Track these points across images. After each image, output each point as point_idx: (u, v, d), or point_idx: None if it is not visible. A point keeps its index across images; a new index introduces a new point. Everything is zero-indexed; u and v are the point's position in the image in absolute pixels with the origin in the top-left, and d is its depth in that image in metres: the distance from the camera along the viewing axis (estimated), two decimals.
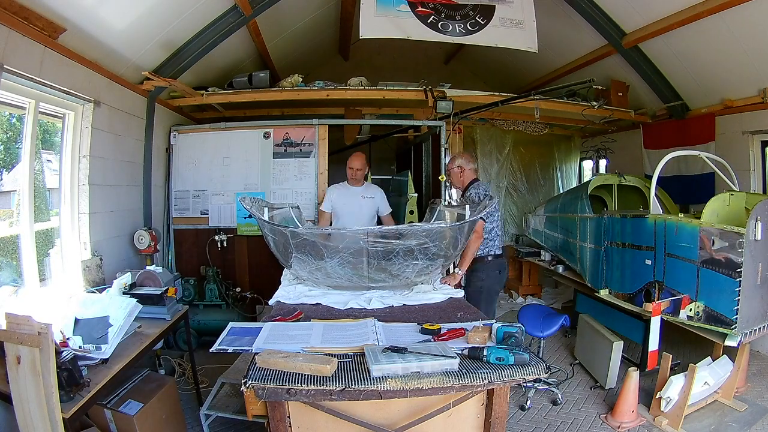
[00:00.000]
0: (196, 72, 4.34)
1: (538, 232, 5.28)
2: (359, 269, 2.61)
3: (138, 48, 3.54)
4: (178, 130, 4.61)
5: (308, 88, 4.61)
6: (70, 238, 3.21)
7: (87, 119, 3.26)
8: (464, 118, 5.28)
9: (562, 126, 6.45)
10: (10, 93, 2.62)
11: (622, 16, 4.40)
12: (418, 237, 2.47)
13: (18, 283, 2.69)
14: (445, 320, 2.28)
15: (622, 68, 4.88)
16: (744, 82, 4.01)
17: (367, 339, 1.96)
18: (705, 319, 2.89)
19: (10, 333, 1.81)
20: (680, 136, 4.80)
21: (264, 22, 4.40)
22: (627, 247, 3.56)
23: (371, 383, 1.62)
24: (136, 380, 2.59)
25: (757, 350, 3.90)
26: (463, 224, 2.64)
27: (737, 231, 2.69)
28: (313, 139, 4.60)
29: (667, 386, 2.86)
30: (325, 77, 4.94)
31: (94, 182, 3.33)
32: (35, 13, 2.51)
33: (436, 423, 1.87)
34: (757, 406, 3.11)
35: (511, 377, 1.72)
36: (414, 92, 4.62)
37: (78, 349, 2.08)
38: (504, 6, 4.15)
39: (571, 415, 3.12)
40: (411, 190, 5.07)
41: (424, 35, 4.04)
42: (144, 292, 2.78)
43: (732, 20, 3.56)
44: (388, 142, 7.21)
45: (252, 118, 5.15)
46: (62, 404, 1.77)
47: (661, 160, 3.34)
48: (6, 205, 2.83)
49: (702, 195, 3.95)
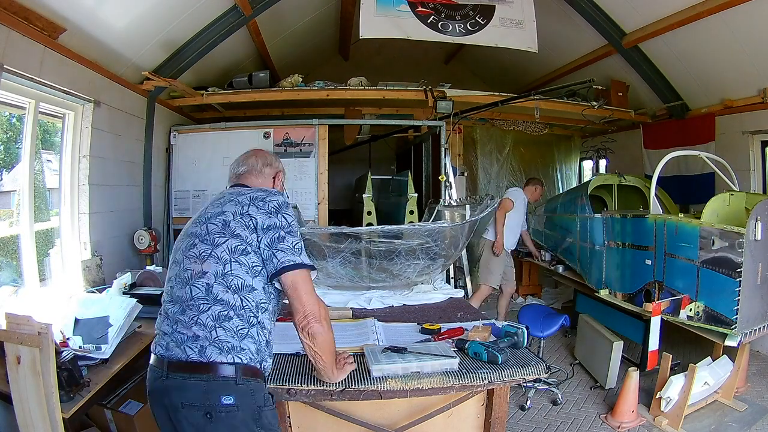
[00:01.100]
0: (196, 72, 4.34)
1: (538, 232, 5.28)
2: (360, 269, 2.62)
3: (138, 48, 3.54)
4: (178, 130, 4.61)
5: (308, 88, 4.61)
6: (70, 238, 3.21)
7: (87, 119, 3.26)
8: (464, 118, 5.29)
9: (562, 126, 6.45)
10: (10, 93, 2.61)
11: (622, 16, 4.40)
12: (421, 236, 2.47)
13: (18, 283, 2.69)
14: (445, 320, 2.28)
15: (622, 68, 4.88)
16: (744, 82, 4.02)
17: (367, 339, 1.96)
18: (705, 319, 2.88)
19: (10, 333, 1.81)
20: (680, 136, 4.80)
21: (264, 22, 4.40)
22: (627, 247, 3.56)
23: (371, 383, 1.62)
24: (136, 380, 2.59)
25: (757, 350, 3.90)
26: (464, 224, 2.64)
27: (737, 231, 2.69)
28: (313, 139, 4.60)
29: (667, 386, 2.86)
30: (325, 77, 4.94)
31: (94, 182, 3.33)
32: (35, 13, 2.51)
33: (436, 423, 1.87)
34: (757, 406, 3.11)
35: (511, 377, 1.72)
36: (414, 92, 4.62)
37: (78, 349, 2.08)
38: (504, 6, 4.16)
39: (571, 415, 3.12)
40: (411, 190, 5.06)
41: (424, 35, 4.05)
42: (144, 292, 2.78)
43: (732, 20, 3.56)
44: (388, 142, 7.21)
45: (252, 118, 5.15)
46: (62, 404, 1.77)
47: (661, 160, 3.33)
48: (6, 205, 2.83)
49: (702, 195, 3.95)
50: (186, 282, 1.38)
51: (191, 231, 1.47)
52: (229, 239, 1.38)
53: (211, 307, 1.35)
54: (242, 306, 1.36)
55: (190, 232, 1.47)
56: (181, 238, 1.51)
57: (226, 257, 1.36)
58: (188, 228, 1.51)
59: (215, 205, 1.48)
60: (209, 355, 1.32)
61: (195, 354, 1.33)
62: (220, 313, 1.34)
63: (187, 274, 1.39)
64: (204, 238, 1.41)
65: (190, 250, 1.42)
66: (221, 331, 1.33)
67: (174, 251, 1.52)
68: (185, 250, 1.44)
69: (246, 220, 1.39)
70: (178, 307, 1.39)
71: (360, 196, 5.66)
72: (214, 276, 1.36)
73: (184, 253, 1.44)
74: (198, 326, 1.34)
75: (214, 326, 1.33)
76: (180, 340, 1.35)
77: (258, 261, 1.39)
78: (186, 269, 1.40)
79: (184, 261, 1.42)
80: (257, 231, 1.39)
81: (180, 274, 1.42)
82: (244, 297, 1.36)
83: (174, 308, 1.40)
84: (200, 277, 1.37)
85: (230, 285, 1.35)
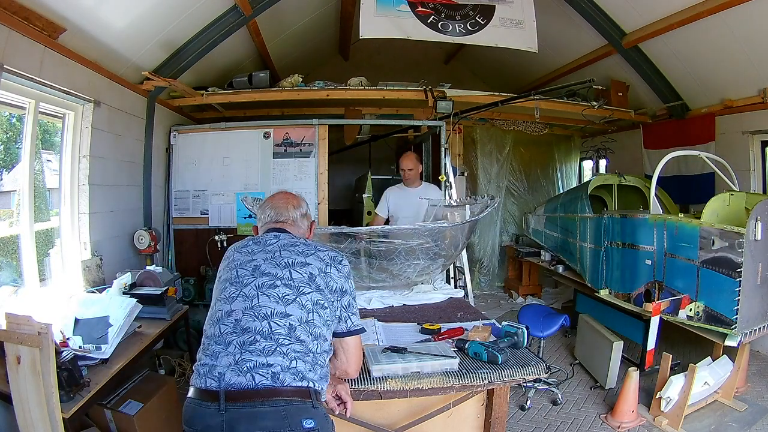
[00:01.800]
0: (196, 72, 4.33)
1: (538, 232, 5.28)
2: (360, 269, 2.61)
3: (138, 48, 3.54)
4: (178, 130, 4.61)
5: (308, 88, 4.60)
6: (70, 238, 3.21)
7: (87, 119, 3.26)
8: (464, 118, 5.28)
9: (562, 126, 6.45)
10: (10, 93, 2.61)
11: (622, 16, 4.40)
12: (421, 236, 2.47)
13: (18, 283, 2.69)
14: (445, 320, 2.28)
15: (622, 68, 4.88)
16: (744, 82, 4.01)
17: (367, 339, 1.96)
18: (705, 319, 2.89)
19: (10, 333, 1.81)
20: (680, 136, 4.80)
21: (264, 22, 4.40)
22: (627, 247, 3.56)
23: (371, 383, 1.62)
24: (136, 380, 2.59)
25: (757, 350, 3.90)
26: (464, 224, 2.64)
27: (737, 231, 2.69)
28: (313, 139, 4.60)
29: (667, 386, 2.86)
30: (325, 77, 4.94)
31: (94, 182, 3.33)
32: (35, 13, 2.51)
33: (436, 423, 1.87)
34: (757, 406, 3.11)
35: (511, 377, 1.72)
36: (414, 92, 4.62)
37: (78, 349, 2.08)
38: (504, 6, 4.15)
39: (571, 415, 3.12)
40: None
41: (424, 35, 4.04)
42: (144, 292, 2.78)
43: (732, 20, 3.56)
44: (388, 142, 7.21)
45: (252, 118, 5.15)
46: (62, 404, 1.77)
47: (661, 160, 3.34)
48: (6, 205, 2.83)
49: (702, 195, 3.95)
50: (264, 317, 1.41)
51: (267, 271, 1.51)
52: (313, 292, 1.48)
53: (292, 344, 1.39)
54: (317, 351, 1.43)
55: (267, 272, 1.50)
56: (246, 271, 1.52)
57: (310, 307, 1.46)
58: (257, 265, 1.53)
59: (293, 253, 1.55)
60: (283, 379, 1.32)
61: (267, 380, 1.31)
62: (299, 350, 1.39)
63: (266, 311, 1.42)
64: (288, 282, 1.48)
65: (270, 289, 1.46)
66: (300, 363, 1.37)
67: (233, 281, 1.52)
68: (262, 287, 1.47)
69: (327, 280, 1.52)
70: (250, 336, 1.38)
71: (360, 196, 5.67)
72: (298, 320, 1.43)
73: (258, 290, 1.47)
74: (276, 356, 1.35)
75: (295, 358, 1.37)
76: (247, 368, 1.32)
77: (332, 317, 1.51)
78: (263, 306, 1.43)
79: (259, 297, 1.45)
80: (335, 292, 1.53)
81: (254, 309, 1.43)
82: (320, 344, 1.45)
83: (244, 338, 1.38)
84: (282, 318, 1.42)
85: (311, 332, 1.44)
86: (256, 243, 1.62)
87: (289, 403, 1.29)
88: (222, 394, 1.28)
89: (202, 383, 1.34)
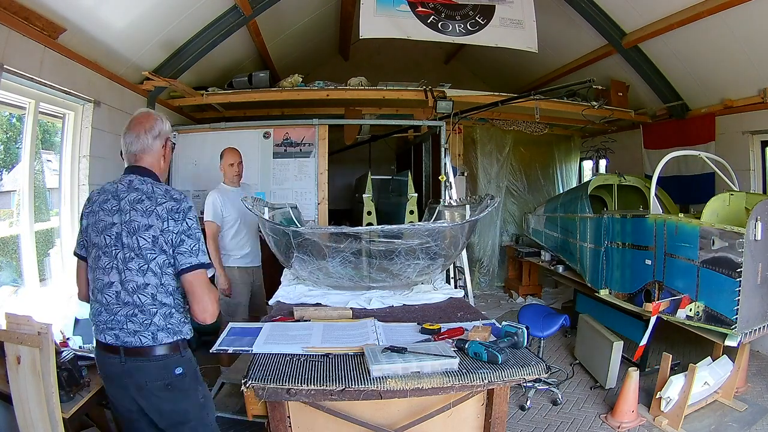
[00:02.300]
0: (196, 72, 4.34)
1: (538, 232, 5.28)
2: (360, 269, 2.61)
3: (138, 48, 3.54)
4: (178, 130, 4.60)
5: (308, 88, 4.61)
6: (70, 238, 3.21)
7: (87, 119, 3.26)
8: (464, 118, 5.28)
9: (562, 126, 6.45)
10: (10, 93, 2.62)
11: (622, 16, 4.40)
12: (421, 236, 2.47)
13: (18, 283, 2.69)
14: (445, 320, 2.28)
15: (622, 68, 4.88)
16: (744, 82, 4.02)
17: (367, 339, 1.96)
18: (705, 319, 2.88)
19: (10, 333, 1.81)
20: (680, 136, 4.80)
21: (264, 22, 4.40)
22: (627, 247, 3.56)
23: (371, 383, 1.62)
24: None
25: (757, 350, 3.90)
26: (464, 224, 2.64)
27: (737, 231, 2.69)
28: (313, 139, 4.60)
29: (667, 386, 2.86)
30: (325, 77, 4.94)
31: (94, 182, 3.33)
32: (35, 13, 2.51)
33: (436, 423, 1.87)
34: (757, 406, 3.11)
35: (511, 377, 1.72)
36: (414, 92, 4.62)
37: (78, 349, 2.09)
38: (504, 6, 4.16)
39: (571, 415, 3.12)
40: (411, 190, 5.06)
41: (424, 35, 4.05)
42: None
43: (732, 20, 3.56)
44: (388, 142, 7.22)
45: (252, 118, 5.15)
46: (62, 404, 1.78)
47: (661, 160, 3.33)
48: (6, 205, 2.83)
49: (702, 195, 3.95)
50: (134, 291, 1.63)
51: (127, 243, 1.61)
52: (158, 255, 1.60)
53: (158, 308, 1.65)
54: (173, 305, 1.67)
55: (126, 244, 1.62)
56: (110, 239, 1.63)
57: (159, 271, 1.61)
58: (118, 232, 1.62)
59: (138, 212, 1.60)
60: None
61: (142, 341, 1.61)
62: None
63: (134, 285, 1.62)
64: (139, 253, 1.60)
65: (129, 262, 1.61)
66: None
67: (105, 251, 1.64)
68: (125, 261, 1.61)
69: (167, 236, 1.60)
70: (130, 310, 1.64)
71: (360, 196, 5.66)
72: (155, 287, 1.64)
73: (125, 264, 1.61)
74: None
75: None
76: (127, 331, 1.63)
77: (175, 263, 1.62)
78: (131, 280, 1.62)
79: (126, 272, 1.62)
80: (175, 244, 1.61)
81: (125, 284, 1.62)
82: (176, 298, 1.69)
83: (125, 310, 1.63)
84: (145, 288, 1.62)
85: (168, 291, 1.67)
86: (114, 197, 1.64)
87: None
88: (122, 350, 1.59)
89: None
